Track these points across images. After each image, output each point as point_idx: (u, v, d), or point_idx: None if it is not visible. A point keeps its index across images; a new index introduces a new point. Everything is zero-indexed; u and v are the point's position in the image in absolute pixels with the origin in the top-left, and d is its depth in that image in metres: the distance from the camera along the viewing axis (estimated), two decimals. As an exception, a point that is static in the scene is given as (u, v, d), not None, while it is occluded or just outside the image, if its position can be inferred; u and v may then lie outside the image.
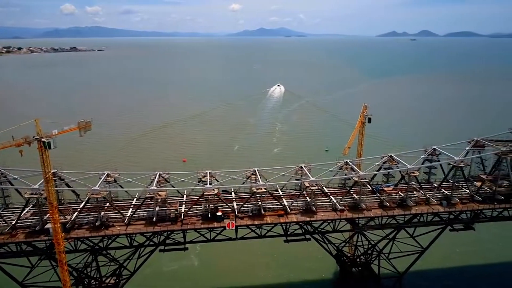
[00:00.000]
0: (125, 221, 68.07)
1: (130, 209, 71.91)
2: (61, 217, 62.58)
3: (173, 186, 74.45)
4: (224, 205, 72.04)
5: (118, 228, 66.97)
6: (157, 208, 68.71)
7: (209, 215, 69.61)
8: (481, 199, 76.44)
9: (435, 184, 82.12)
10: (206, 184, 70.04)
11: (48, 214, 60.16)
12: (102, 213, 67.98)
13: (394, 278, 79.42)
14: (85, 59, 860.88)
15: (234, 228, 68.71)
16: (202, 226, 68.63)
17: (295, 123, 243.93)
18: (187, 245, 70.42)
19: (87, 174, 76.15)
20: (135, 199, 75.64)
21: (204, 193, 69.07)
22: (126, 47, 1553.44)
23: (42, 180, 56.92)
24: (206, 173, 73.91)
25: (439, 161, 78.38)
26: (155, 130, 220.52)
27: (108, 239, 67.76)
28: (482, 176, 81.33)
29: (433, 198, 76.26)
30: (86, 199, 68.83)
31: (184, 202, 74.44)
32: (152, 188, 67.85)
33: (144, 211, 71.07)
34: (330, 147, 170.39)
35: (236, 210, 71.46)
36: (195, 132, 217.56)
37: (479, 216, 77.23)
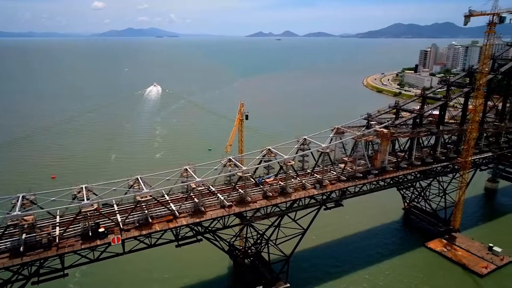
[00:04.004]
0: (-18, 257, 57.11)
1: (-13, 242, 60.57)
2: None
3: (41, 208, 65.40)
4: (107, 220, 66.69)
5: (-27, 267, 55.86)
6: (24, 236, 59.47)
7: (90, 233, 63.45)
8: (345, 178, 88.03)
9: (308, 170, 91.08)
10: (83, 200, 63.64)
11: None
12: None
13: (283, 261, 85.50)
14: None
15: (120, 242, 64.22)
16: (83, 246, 62.17)
17: (176, 125, 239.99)
18: (66, 271, 62.93)
19: None
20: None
21: (82, 210, 62.58)
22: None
23: None
24: (82, 187, 67.16)
25: (310, 149, 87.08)
26: (9, 145, 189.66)
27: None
28: (344, 158, 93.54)
29: (308, 183, 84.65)
30: None
31: (58, 224, 66.31)
32: (15, 213, 58.36)
33: (7, 241, 60.74)
34: (213, 146, 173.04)
35: (120, 223, 66.83)
36: (60, 145, 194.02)
37: (346, 194, 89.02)
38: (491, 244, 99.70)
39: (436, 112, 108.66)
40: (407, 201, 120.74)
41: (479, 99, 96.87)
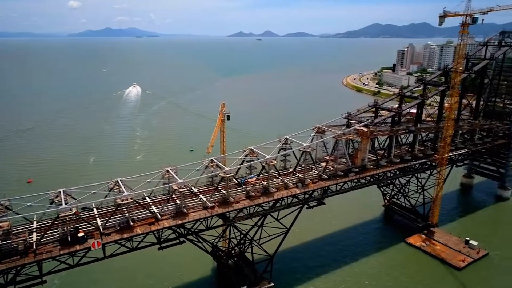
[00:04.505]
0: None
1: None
2: None
3: (17, 214, 63.40)
4: (86, 224, 65.28)
5: None
6: (-1, 243, 57.58)
7: (69, 239, 61.95)
8: (327, 177, 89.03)
9: (290, 170, 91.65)
10: (61, 204, 62.04)
11: None
12: None
13: (266, 261, 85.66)
14: None
15: (100, 247, 62.90)
16: (62, 252, 60.61)
17: (156, 126, 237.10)
18: (44, 278, 61.15)
19: None
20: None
21: (60, 215, 60.99)
22: None
23: None
24: (59, 192, 65.43)
25: (291, 148, 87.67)
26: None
27: None
28: (326, 157, 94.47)
29: (290, 182, 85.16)
30: None
31: (35, 230, 64.43)
32: (-11, 220, 56.47)
33: (-19, 249, 58.59)
34: (195, 147, 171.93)
35: (101, 227, 65.54)
36: (37, 148, 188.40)
37: (327, 192, 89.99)
38: (467, 238, 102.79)
39: (414, 110, 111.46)
40: (387, 198, 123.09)
41: (454, 98, 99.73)
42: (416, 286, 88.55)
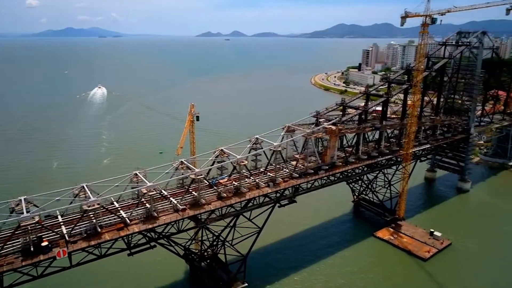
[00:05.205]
0: None
1: None
2: None
3: (-28, 225, 59.76)
4: (50, 232, 62.45)
5: None
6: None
7: (32, 248, 58.99)
8: (297, 175, 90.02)
9: (261, 169, 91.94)
10: (23, 213, 59.02)
11: None
12: None
13: (240, 261, 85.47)
14: None
15: (66, 255, 60.33)
16: (24, 263, 57.61)
17: (124, 129, 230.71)
18: (6, 291, 58.02)
19: None
20: None
21: (21, 224, 58.01)
22: None
23: None
24: (20, 199, 62.25)
25: (262, 148, 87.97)
26: None
27: None
28: (296, 156, 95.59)
29: (261, 182, 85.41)
30: None
31: (-7, 241, 60.91)
32: None
33: None
34: (164, 149, 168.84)
35: (66, 235, 62.87)
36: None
37: (298, 190, 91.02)
38: (432, 230, 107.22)
39: (379, 108, 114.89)
40: (356, 194, 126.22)
41: (417, 95, 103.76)
42: (385, 278, 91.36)
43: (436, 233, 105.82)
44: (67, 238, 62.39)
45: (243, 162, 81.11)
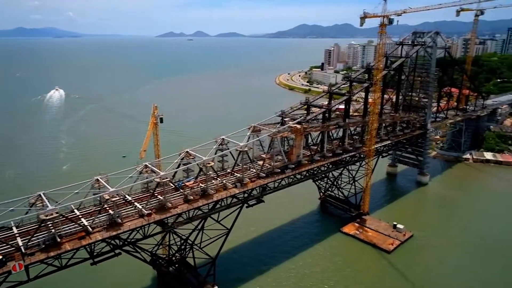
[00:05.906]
0: None
1: None
2: None
3: None
4: (4, 245, 58.57)
5: None
6: None
7: (-16, 264, 55.10)
8: (265, 175, 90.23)
9: (228, 170, 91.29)
10: (-28, 226, 54.99)
11: None
12: None
13: (209, 264, 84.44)
14: None
15: (23, 269, 56.81)
16: (-25, 280, 53.77)
17: (85, 133, 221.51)
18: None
19: None
20: None
21: (-29, 238, 54.04)
22: None
23: None
24: (-31, 212, 57.97)
25: (228, 149, 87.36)
26: None
27: None
28: (262, 155, 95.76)
29: (229, 183, 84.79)
30: None
31: None
32: None
33: None
34: (128, 152, 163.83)
35: (22, 247, 59.15)
36: None
37: (266, 190, 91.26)
38: (395, 223, 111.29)
39: (342, 106, 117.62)
40: (322, 191, 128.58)
41: (377, 93, 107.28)
42: (352, 272, 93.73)
43: (398, 225, 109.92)
44: (23, 250, 58.71)
45: (209, 163, 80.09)
